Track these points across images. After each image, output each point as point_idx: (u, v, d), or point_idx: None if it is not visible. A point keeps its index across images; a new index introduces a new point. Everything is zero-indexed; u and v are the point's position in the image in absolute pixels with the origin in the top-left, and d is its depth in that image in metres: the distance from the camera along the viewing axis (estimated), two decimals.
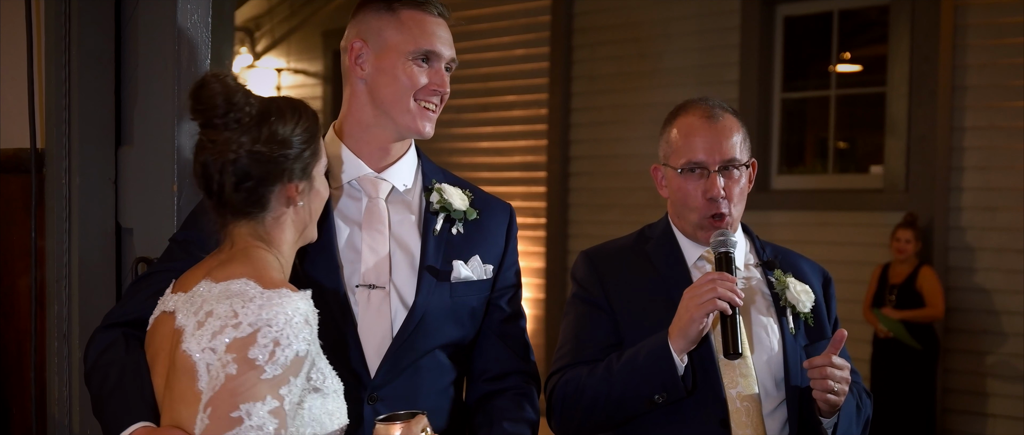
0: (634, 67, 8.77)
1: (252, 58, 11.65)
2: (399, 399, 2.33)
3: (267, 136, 2.03)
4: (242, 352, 1.88)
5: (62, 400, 2.92)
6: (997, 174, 7.19)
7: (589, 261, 2.80)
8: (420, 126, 2.40)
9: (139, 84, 2.91)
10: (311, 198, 2.12)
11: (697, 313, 2.46)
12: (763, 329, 2.67)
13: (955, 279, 7.29)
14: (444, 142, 9.80)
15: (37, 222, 2.96)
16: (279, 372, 1.88)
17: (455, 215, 2.48)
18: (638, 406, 2.57)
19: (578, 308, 2.77)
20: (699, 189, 2.66)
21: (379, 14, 2.39)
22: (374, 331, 2.34)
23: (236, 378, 1.87)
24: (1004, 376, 7.18)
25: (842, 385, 2.53)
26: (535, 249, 9.37)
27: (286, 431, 1.90)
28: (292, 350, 1.90)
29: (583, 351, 2.70)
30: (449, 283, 2.42)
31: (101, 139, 2.93)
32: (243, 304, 1.92)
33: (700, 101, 2.73)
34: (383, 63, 2.37)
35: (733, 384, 2.60)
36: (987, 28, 7.18)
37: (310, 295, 1.98)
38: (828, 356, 2.52)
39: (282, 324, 1.90)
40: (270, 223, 2.08)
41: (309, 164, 2.09)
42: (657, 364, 2.52)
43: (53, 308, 2.93)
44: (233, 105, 2.03)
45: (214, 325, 1.93)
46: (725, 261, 2.57)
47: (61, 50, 2.89)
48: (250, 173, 2.04)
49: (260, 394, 1.87)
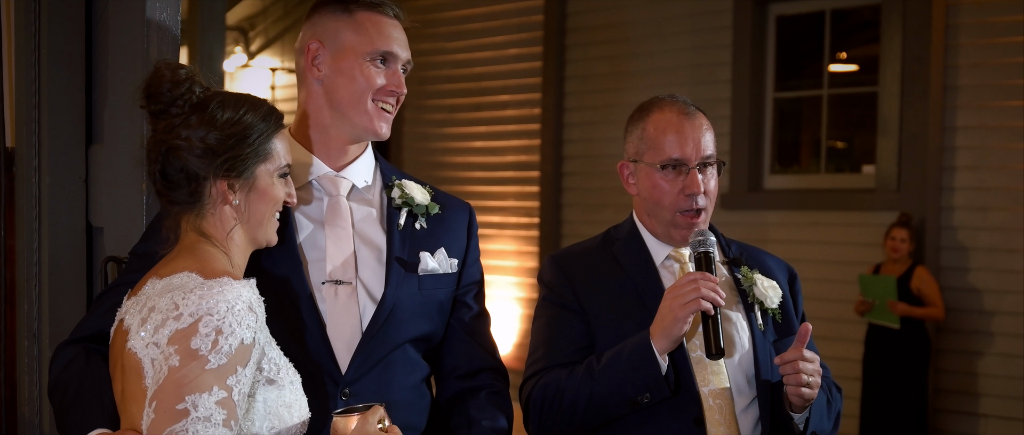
0: (627, 67, 8.77)
1: (246, 58, 11.65)
2: (371, 394, 2.33)
3: (193, 130, 2.04)
4: (184, 343, 1.87)
5: (32, 400, 2.91)
6: (989, 174, 7.18)
7: (556, 264, 2.79)
8: (376, 126, 2.42)
9: (109, 83, 2.91)
10: (252, 198, 2.10)
11: (681, 313, 2.46)
12: (733, 326, 2.67)
13: (947, 279, 7.28)
14: (437, 142, 9.80)
15: (7, 221, 2.95)
16: (224, 361, 1.87)
17: (417, 210, 2.50)
18: (620, 408, 2.56)
19: (549, 311, 2.76)
20: (677, 186, 2.66)
21: (335, 16, 2.40)
22: (343, 327, 2.35)
23: (179, 370, 1.86)
24: (996, 376, 7.17)
25: (815, 378, 2.53)
26: (528, 249, 9.37)
27: (237, 422, 1.88)
28: (236, 338, 1.88)
29: (557, 354, 2.69)
30: (417, 275, 2.44)
31: (71, 138, 2.92)
32: (183, 296, 1.91)
33: (670, 98, 2.73)
34: (340, 64, 2.38)
35: (705, 382, 2.60)
36: (978, 28, 7.17)
37: (254, 283, 1.98)
38: (798, 350, 2.52)
39: (223, 312, 1.88)
40: (211, 218, 2.08)
41: (244, 162, 2.07)
42: (640, 365, 2.52)
43: (23, 307, 2.92)
44: (175, 96, 2.05)
45: (156, 319, 1.92)
46: (705, 260, 2.58)
47: (31, 48, 2.88)
48: (175, 165, 2.05)
49: (206, 385, 1.85)
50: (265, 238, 2.15)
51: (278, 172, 2.13)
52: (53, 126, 2.88)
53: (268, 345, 2.01)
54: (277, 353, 2.04)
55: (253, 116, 2.08)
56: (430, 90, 9.83)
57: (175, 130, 2.05)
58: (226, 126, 2.05)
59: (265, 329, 2.01)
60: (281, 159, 2.13)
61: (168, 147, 2.05)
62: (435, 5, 9.69)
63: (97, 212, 2.94)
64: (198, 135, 2.04)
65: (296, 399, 2.05)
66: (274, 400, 2.01)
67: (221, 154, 2.04)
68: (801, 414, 2.60)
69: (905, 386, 6.99)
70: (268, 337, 2.02)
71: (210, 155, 2.04)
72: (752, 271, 2.72)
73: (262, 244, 2.16)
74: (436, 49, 9.71)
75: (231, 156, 2.05)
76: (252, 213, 2.10)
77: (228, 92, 2.13)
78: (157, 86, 2.06)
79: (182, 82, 2.06)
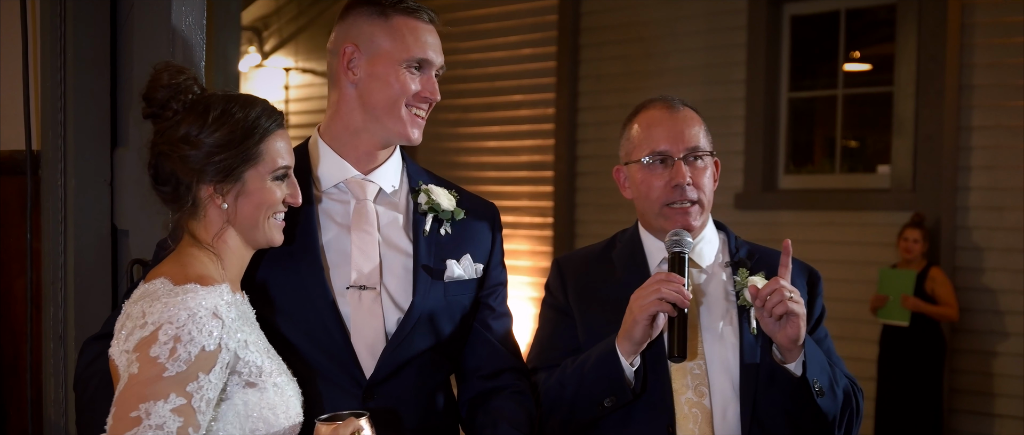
0: (641, 67, 8.77)
1: (260, 57, 11.67)
2: (395, 397, 2.36)
3: (181, 134, 2.05)
4: (144, 351, 1.89)
5: (58, 401, 2.94)
6: (1004, 173, 7.17)
7: (557, 268, 2.81)
8: (409, 132, 2.42)
9: (134, 86, 2.92)
10: (242, 201, 2.10)
11: (639, 315, 2.43)
12: (719, 332, 2.62)
13: (962, 279, 7.26)
14: (451, 142, 9.81)
15: (33, 224, 2.98)
16: (183, 368, 1.88)
17: (443, 215, 2.50)
18: (590, 410, 2.54)
19: (545, 314, 2.79)
20: (663, 179, 2.63)
21: (371, 19, 2.40)
22: (366, 331, 2.36)
23: (137, 377, 1.88)
24: (1012, 376, 7.16)
25: (794, 295, 2.44)
26: (542, 248, 9.38)
27: (198, 429, 1.89)
28: (196, 346, 1.89)
29: (546, 356, 2.70)
30: (443, 282, 2.44)
31: (97, 141, 2.94)
32: (150, 303, 1.94)
33: (659, 97, 2.71)
34: (375, 69, 2.38)
35: (684, 389, 2.56)
36: (994, 27, 7.16)
37: (225, 289, 1.99)
38: (775, 281, 2.46)
39: (184, 320, 1.90)
40: (203, 221, 2.10)
41: (230, 167, 2.07)
42: (604, 367, 2.50)
43: (49, 310, 2.94)
44: (169, 99, 2.07)
45: (128, 326, 1.95)
46: (677, 262, 2.52)
47: (57, 53, 2.90)
48: (164, 169, 2.08)
49: (162, 392, 1.86)
50: (265, 239, 2.15)
51: (273, 174, 2.12)
52: (79, 130, 2.90)
53: (243, 348, 2.01)
54: (258, 356, 2.05)
55: (243, 116, 2.08)
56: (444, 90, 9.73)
57: (166, 134, 2.07)
58: (214, 128, 2.05)
59: (245, 332, 2.02)
60: (277, 160, 2.12)
61: (158, 152, 2.08)
62: (449, 5, 9.69)
63: (122, 215, 2.96)
64: (186, 138, 2.05)
65: (282, 401, 2.06)
66: (256, 402, 2.01)
67: (207, 159, 2.05)
68: (796, 361, 2.51)
69: (920, 386, 6.98)
70: (247, 339, 2.03)
71: (196, 160, 2.05)
72: (756, 274, 2.64)
73: (262, 245, 2.17)
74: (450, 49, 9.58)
75: (218, 160, 2.05)
76: (243, 216, 2.10)
77: (222, 94, 2.13)
78: (153, 90, 2.08)
79: (178, 85, 2.07)
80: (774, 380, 2.55)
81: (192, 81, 2.10)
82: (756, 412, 2.56)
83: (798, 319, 2.44)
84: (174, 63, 2.16)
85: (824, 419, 2.56)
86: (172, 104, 2.07)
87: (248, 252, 2.17)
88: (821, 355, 2.57)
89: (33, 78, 2.98)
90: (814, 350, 2.53)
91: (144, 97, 2.10)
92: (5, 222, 3.07)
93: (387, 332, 2.37)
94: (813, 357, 2.52)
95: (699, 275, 2.69)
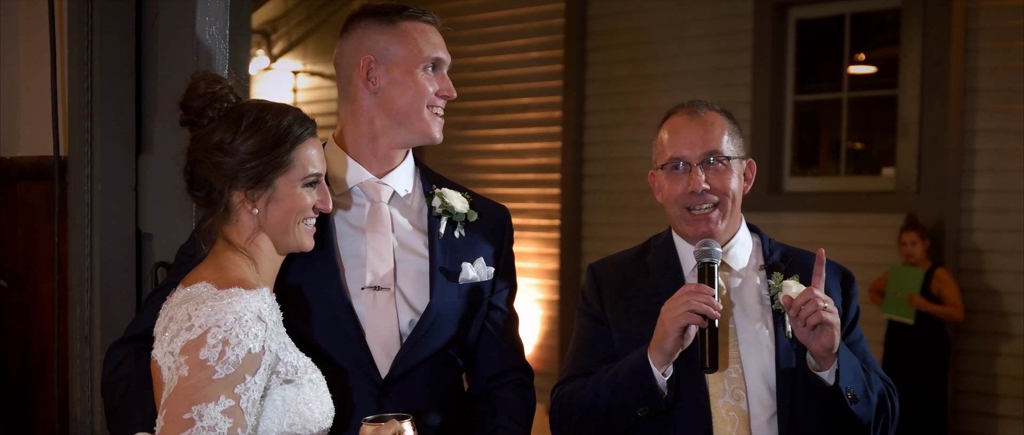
0: (647, 70, 8.79)
1: (269, 61, 11.69)
2: (409, 395, 2.42)
3: (215, 142, 2.10)
4: (193, 354, 1.93)
5: (84, 401, 3.00)
6: (1008, 176, 7.19)
7: (592, 274, 2.81)
8: (433, 131, 2.50)
9: (159, 93, 2.99)
10: (272, 207, 2.15)
11: (670, 327, 2.42)
12: (755, 336, 2.62)
13: (966, 281, 7.28)
14: (458, 144, 9.83)
15: (60, 228, 3.04)
16: (231, 371, 1.93)
17: (457, 218, 2.56)
18: (625, 419, 2.55)
19: (581, 321, 2.79)
20: (680, 185, 2.61)
21: (381, 29, 2.46)
22: (381, 332, 2.42)
23: (188, 380, 1.92)
24: (1016, 377, 7.17)
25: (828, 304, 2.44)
26: (549, 250, 9.41)
27: (245, 429, 1.94)
28: (243, 348, 1.95)
29: (582, 365, 2.71)
30: (458, 284, 2.51)
31: (122, 147, 3.00)
32: (196, 306, 1.98)
33: (687, 103, 2.70)
34: (394, 76, 2.45)
35: (721, 393, 2.56)
36: (998, 31, 7.18)
37: (267, 292, 2.04)
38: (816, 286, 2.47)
39: (231, 323, 1.95)
40: (236, 226, 2.15)
41: (261, 174, 2.12)
42: (637, 378, 2.50)
43: (75, 311, 3.00)
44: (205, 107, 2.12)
45: (173, 329, 1.99)
46: (707, 272, 2.51)
47: (84, 60, 2.96)
48: (199, 175, 2.14)
49: (213, 395, 1.91)
50: (296, 244, 2.20)
51: (303, 181, 2.17)
52: (105, 136, 2.96)
53: (283, 350, 2.07)
54: (295, 355, 2.10)
55: (276, 124, 2.13)
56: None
57: (201, 141, 2.12)
58: (247, 136, 2.10)
59: (281, 334, 2.08)
60: (310, 168, 2.17)
61: (193, 159, 2.14)
62: (456, 8, 9.71)
63: (147, 219, 3.02)
64: (220, 146, 2.10)
65: (317, 396, 2.11)
66: (293, 398, 2.07)
67: (240, 166, 2.10)
68: (829, 370, 2.49)
69: (925, 387, 6.99)
70: (284, 341, 2.08)
71: (229, 167, 2.10)
72: (791, 277, 2.62)
73: (293, 250, 2.21)
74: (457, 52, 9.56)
75: (250, 167, 2.10)
76: (273, 222, 2.15)
77: (257, 102, 2.18)
78: (191, 98, 2.13)
79: (216, 94, 2.13)
80: (810, 385, 2.54)
81: (228, 90, 2.15)
82: (793, 416, 2.56)
83: (832, 329, 2.43)
84: (211, 73, 2.21)
85: (858, 424, 2.55)
86: (208, 112, 2.13)
87: (280, 257, 2.22)
88: (855, 361, 2.56)
89: (61, 86, 3.04)
90: (848, 357, 2.53)
91: (181, 105, 2.15)
92: (33, 226, 3.13)
93: (401, 332, 2.43)
94: (846, 364, 2.51)
95: (733, 279, 2.68)
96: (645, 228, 2.97)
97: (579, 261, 9.18)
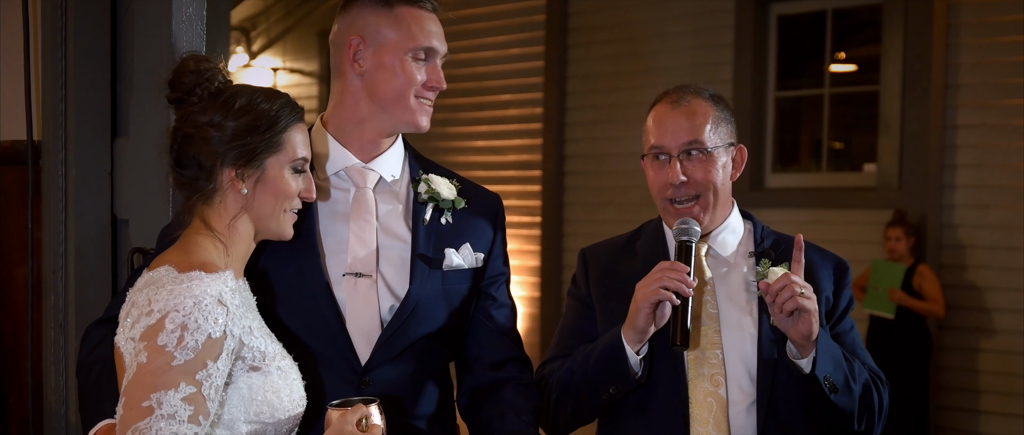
0: (629, 66, 8.80)
1: (248, 58, 11.67)
2: (389, 383, 2.38)
3: (207, 117, 2.08)
4: (152, 339, 1.89)
5: (58, 390, 2.95)
6: (990, 172, 7.23)
7: (582, 258, 2.81)
8: (418, 120, 2.45)
9: (135, 77, 2.94)
10: (260, 188, 2.13)
11: (642, 302, 2.42)
12: (738, 322, 2.61)
13: (948, 276, 7.32)
14: (439, 141, 9.82)
15: (34, 213, 2.99)
16: (191, 357, 1.89)
17: (443, 204, 2.51)
18: (596, 397, 2.55)
19: (569, 304, 2.80)
20: (662, 176, 2.60)
21: (375, 10, 2.41)
22: (361, 319, 2.38)
23: (146, 366, 1.88)
24: (997, 373, 7.21)
25: (805, 290, 2.42)
26: (530, 247, 9.40)
27: (207, 416, 1.90)
28: (202, 333, 1.90)
29: (564, 346, 2.71)
30: (441, 271, 2.46)
31: (97, 131, 2.96)
32: (156, 291, 1.94)
33: (674, 89, 2.67)
34: (382, 60, 2.39)
35: (700, 378, 2.55)
36: (979, 26, 7.22)
37: (230, 276, 2.00)
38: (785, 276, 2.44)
39: (190, 308, 1.90)
40: (217, 207, 2.12)
41: (254, 151, 2.10)
42: (610, 355, 2.50)
43: (49, 299, 2.96)
44: (195, 85, 2.10)
45: (134, 314, 1.95)
46: (683, 251, 2.50)
47: (58, 43, 2.92)
48: (188, 152, 2.10)
49: (172, 381, 1.87)
50: (277, 231, 2.18)
51: (291, 165, 2.15)
52: (79, 120, 2.92)
53: (247, 334, 2.03)
54: (262, 341, 2.06)
55: (268, 107, 2.12)
56: None
57: (191, 118, 2.10)
58: (239, 115, 2.09)
59: (247, 318, 2.04)
60: (296, 152, 2.15)
61: (183, 135, 2.10)
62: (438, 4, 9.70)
63: (122, 204, 2.97)
64: (211, 122, 2.08)
65: (285, 384, 2.07)
66: (260, 385, 2.03)
67: (231, 142, 2.08)
68: (808, 358, 2.47)
69: (907, 383, 7.01)
70: (250, 325, 2.04)
71: (220, 143, 2.08)
72: (779, 265, 2.58)
73: (273, 236, 2.19)
74: None
75: (241, 144, 2.08)
76: (259, 203, 2.13)
77: (248, 87, 2.17)
78: (181, 75, 2.11)
79: (204, 72, 2.11)
80: (792, 373, 2.53)
81: (217, 70, 2.13)
82: (773, 404, 2.54)
83: (810, 315, 2.42)
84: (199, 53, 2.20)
85: (841, 414, 2.53)
86: (197, 90, 2.10)
87: (254, 243, 2.19)
88: (836, 350, 2.53)
89: (34, 69, 2.99)
90: (827, 346, 2.49)
91: (170, 83, 2.13)
92: (6, 211, 3.08)
93: (382, 319, 2.39)
94: (825, 352, 2.48)
95: (720, 266, 2.67)
96: (627, 225, 2.95)
97: (560, 258, 9.18)
